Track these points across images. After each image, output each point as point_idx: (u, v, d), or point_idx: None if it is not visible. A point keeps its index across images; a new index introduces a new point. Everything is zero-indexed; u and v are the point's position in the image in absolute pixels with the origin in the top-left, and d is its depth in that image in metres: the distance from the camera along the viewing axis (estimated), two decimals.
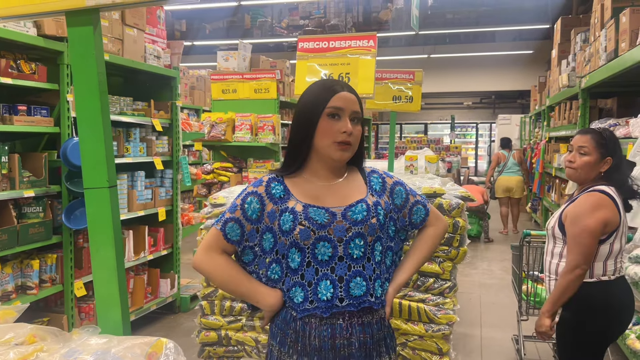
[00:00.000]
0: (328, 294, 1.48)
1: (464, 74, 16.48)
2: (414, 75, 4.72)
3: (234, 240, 1.55)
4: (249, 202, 1.55)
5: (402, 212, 1.65)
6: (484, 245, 8.21)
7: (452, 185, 2.72)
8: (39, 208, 3.54)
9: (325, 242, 1.49)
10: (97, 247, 1.13)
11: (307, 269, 1.50)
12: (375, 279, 1.53)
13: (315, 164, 1.57)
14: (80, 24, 1.05)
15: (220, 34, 17.09)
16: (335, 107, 1.51)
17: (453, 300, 2.53)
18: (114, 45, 4.07)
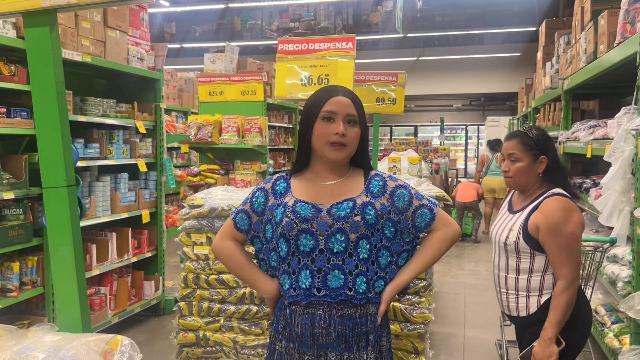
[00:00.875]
0: (307, 282, 1.60)
1: (453, 76, 16.57)
2: (397, 77, 4.76)
3: (242, 230, 1.75)
4: (257, 197, 1.73)
5: (404, 215, 1.69)
6: (472, 246, 8.25)
7: (428, 185, 2.74)
8: (19, 210, 3.53)
9: (308, 235, 1.60)
10: (56, 246, 1.14)
11: (292, 258, 1.63)
12: (357, 275, 1.61)
13: (317, 164, 1.70)
14: (37, 24, 1.06)
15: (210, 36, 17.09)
16: (329, 110, 1.62)
17: (428, 299, 2.55)
18: (95, 47, 4.06)
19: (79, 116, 3.96)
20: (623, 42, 3.41)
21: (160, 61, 5.00)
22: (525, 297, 2.19)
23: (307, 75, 3.16)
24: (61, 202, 1.12)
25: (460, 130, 20.10)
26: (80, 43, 3.91)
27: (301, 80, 3.17)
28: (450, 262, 7.11)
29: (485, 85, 16.68)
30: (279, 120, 7.67)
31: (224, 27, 17.38)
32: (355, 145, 1.66)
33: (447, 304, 5.33)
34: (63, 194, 1.12)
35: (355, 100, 1.67)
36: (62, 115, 1.11)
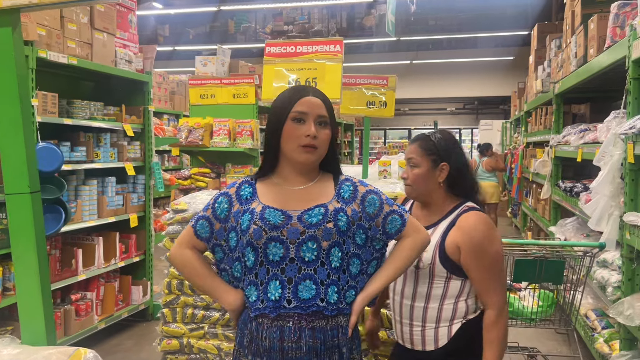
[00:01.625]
0: (276, 294, 1.51)
1: (447, 79, 16.59)
2: (387, 80, 4.72)
3: (203, 237, 1.64)
4: (219, 202, 1.64)
5: (374, 221, 1.64)
6: None
7: None
8: (2, 215, 3.48)
9: (277, 243, 1.52)
10: (19, 254, 1.10)
11: (260, 268, 1.54)
12: (329, 285, 1.54)
13: (285, 168, 1.62)
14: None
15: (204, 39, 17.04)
16: (299, 111, 1.55)
17: None
18: (82, 49, 4.02)
19: (64, 119, 3.92)
20: (612, 45, 3.39)
21: (149, 63, 4.96)
22: (433, 329, 1.88)
23: (295, 78, 3.13)
24: (24, 210, 1.08)
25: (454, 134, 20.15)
26: (66, 45, 3.86)
27: (289, 83, 3.13)
28: None
29: (478, 88, 16.71)
30: None
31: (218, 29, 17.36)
32: (326, 148, 1.60)
33: None
34: (26, 201, 1.07)
35: (326, 101, 1.62)
36: (26, 118, 1.07)
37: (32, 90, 3.54)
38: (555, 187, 5.40)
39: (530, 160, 7.12)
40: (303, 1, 14.46)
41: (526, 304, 3.40)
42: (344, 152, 12.42)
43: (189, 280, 1.67)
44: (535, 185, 7.08)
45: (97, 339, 4.25)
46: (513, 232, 9.62)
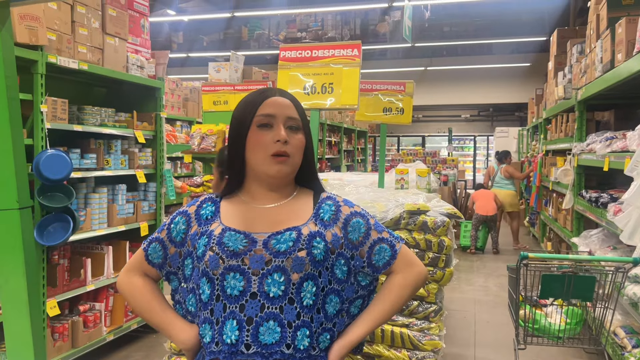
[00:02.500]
0: (233, 336, 1.24)
1: (461, 86, 16.41)
2: (404, 86, 4.59)
3: (154, 263, 1.39)
4: (176, 223, 1.39)
5: (359, 251, 1.36)
6: (481, 260, 8.03)
7: (439, 201, 2.56)
8: None
9: (237, 274, 1.26)
10: (6, 277, 0.98)
11: (217, 303, 1.27)
12: (298, 327, 1.25)
13: (251, 183, 1.37)
14: None
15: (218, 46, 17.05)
16: (265, 114, 1.31)
17: (439, 325, 2.36)
18: (93, 54, 3.93)
19: (74, 125, 3.83)
20: None
21: (161, 69, 4.87)
22: None
23: (311, 83, 3.01)
24: (12, 226, 0.96)
25: (469, 141, 19.90)
26: (77, 50, 3.78)
27: (304, 89, 3.02)
28: (459, 277, 6.90)
29: (494, 95, 16.50)
30: None
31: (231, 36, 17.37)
32: (300, 156, 1.34)
33: (456, 322, 5.12)
34: (14, 217, 0.96)
35: (296, 102, 1.38)
36: (15, 126, 0.96)
37: (42, 96, 3.46)
38: (578, 196, 5.22)
39: (550, 168, 6.93)
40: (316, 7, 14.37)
41: (553, 321, 3.24)
42: (357, 159, 12.29)
43: (137, 314, 1.37)
44: (555, 194, 6.89)
45: (105, 351, 4.15)
46: (531, 241, 9.39)
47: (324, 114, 9.30)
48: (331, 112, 9.73)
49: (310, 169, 1.41)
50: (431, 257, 2.37)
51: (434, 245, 2.36)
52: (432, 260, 2.37)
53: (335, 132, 10.51)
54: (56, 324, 3.75)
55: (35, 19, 3.34)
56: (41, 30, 3.38)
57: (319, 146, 9.26)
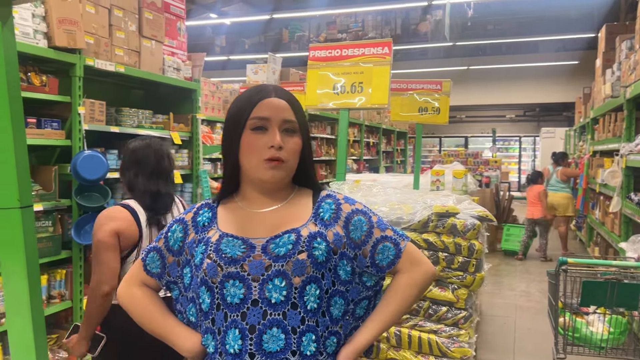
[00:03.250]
0: (236, 346, 1.20)
1: (505, 85, 16.01)
2: (441, 85, 4.49)
3: (153, 273, 1.35)
4: (173, 231, 1.34)
5: (361, 250, 1.31)
6: (524, 265, 7.78)
7: (470, 203, 2.47)
8: (49, 222, 3.48)
9: (236, 281, 1.21)
10: (8, 277, 0.98)
11: (217, 312, 1.23)
12: (304, 332, 1.21)
13: (246, 188, 1.32)
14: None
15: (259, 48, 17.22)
16: (259, 117, 1.25)
17: (469, 332, 2.27)
18: (130, 57, 4.01)
19: (111, 127, 3.91)
20: None
21: (198, 71, 4.92)
22: None
23: (340, 83, 2.96)
24: (13, 226, 0.96)
25: (514, 142, 19.39)
26: (114, 53, 3.85)
27: (334, 88, 2.98)
28: (501, 282, 6.70)
29: (540, 95, 16.01)
30: (320, 131, 7.51)
31: (272, 39, 17.51)
32: (295, 160, 1.29)
33: (495, 328, 4.96)
34: (16, 217, 0.95)
35: (293, 102, 1.30)
36: (17, 125, 0.96)
37: (80, 98, 3.54)
38: (626, 199, 4.97)
39: (597, 170, 6.64)
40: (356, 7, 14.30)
41: (595, 329, 3.08)
42: (397, 160, 12.15)
43: (140, 324, 1.35)
44: (602, 197, 6.60)
45: None
46: (577, 246, 9.04)
47: (362, 114, 9.22)
48: (369, 113, 9.65)
49: (307, 170, 1.35)
50: (461, 261, 2.28)
51: (463, 249, 2.27)
52: (462, 265, 2.28)
53: (374, 133, 10.42)
54: None
55: (73, 23, 3.42)
56: (79, 33, 3.46)
57: (356, 147, 9.20)
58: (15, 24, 3.12)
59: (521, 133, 19.28)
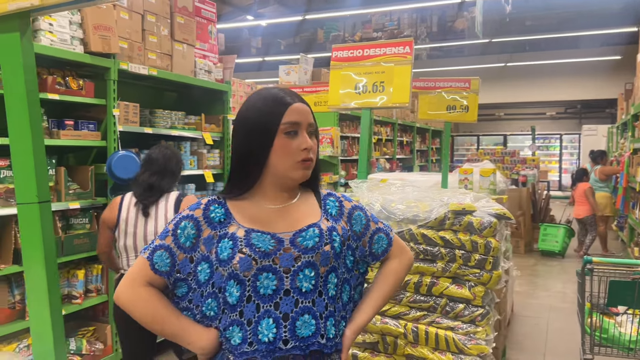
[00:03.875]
0: (270, 334, 1.27)
1: (545, 82, 15.64)
2: (469, 83, 4.45)
3: (162, 272, 1.35)
4: (183, 228, 1.35)
5: (361, 241, 1.47)
6: (561, 264, 7.62)
7: (488, 201, 2.46)
8: (86, 219, 3.65)
9: (269, 273, 1.29)
10: (30, 266, 1.07)
11: (247, 304, 1.29)
12: (327, 317, 1.33)
13: (268, 186, 1.39)
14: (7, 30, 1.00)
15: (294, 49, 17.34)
16: (292, 122, 1.34)
17: (486, 329, 2.28)
18: (162, 60, 4.15)
19: (145, 128, 4.06)
20: None
21: (229, 73, 5.04)
22: None
23: (362, 82, 3.00)
24: (33, 219, 1.05)
25: (555, 140, 18.89)
26: (147, 57, 4.00)
27: (355, 88, 3.02)
28: (536, 283, 6.59)
29: (581, 91, 15.57)
30: (352, 131, 7.55)
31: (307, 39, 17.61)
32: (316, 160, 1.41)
33: (527, 329, 4.89)
34: (34, 211, 1.04)
35: (309, 106, 1.41)
36: (35, 127, 1.04)
37: (114, 100, 3.69)
38: None
39: (637, 168, 6.45)
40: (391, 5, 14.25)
41: (624, 330, 3.02)
42: (432, 159, 12.05)
43: (147, 325, 1.34)
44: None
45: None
46: (619, 246, 8.78)
47: (395, 113, 9.20)
48: (403, 111, 9.61)
49: (317, 171, 1.46)
50: (477, 258, 2.28)
51: (480, 246, 2.27)
52: (479, 263, 2.29)
53: (408, 131, 10.37)
54: None
55: (108, 29, 3.58)
56: (113, 39, 3.62)
57: (389, 146, 9.18)
58: (54, 31, 3.29)
59: (562, 131, 18.77)
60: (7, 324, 3.14)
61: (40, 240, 1.05)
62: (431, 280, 2.38)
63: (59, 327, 1.08)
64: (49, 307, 1.05)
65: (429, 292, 2.37)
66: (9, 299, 3.19)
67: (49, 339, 1.06)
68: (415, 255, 2.41)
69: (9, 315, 3.17)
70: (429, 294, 2.38)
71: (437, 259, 2.37)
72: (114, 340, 3.77)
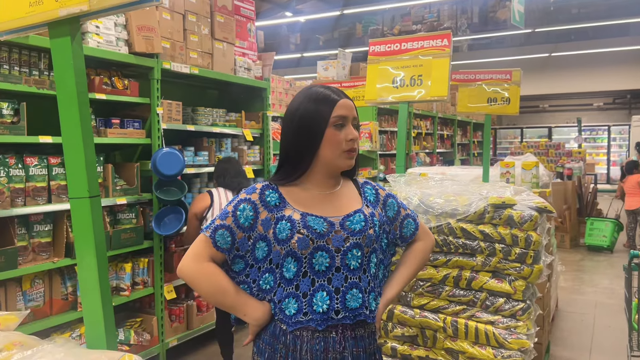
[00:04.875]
0: (324, 305, 1.45)
1: (592, 72, 15.13)
2: (510, 75, 4.38)
3: (223, 249, 1.51)
4: (242, 210, 1.50)
5: (393, 225, 1.66)
6: (609, 260, 7.39)
7: (529, 194, 2.42)
8: (132, 214, 3.78)
9: (323, 252, 1.46)
10: (82, 258, 1.13)
11: (303, 279, 1.47)
12: (370, 292, 1.52)
13: (317, 174, 1.56)
14: (59, 35, 1.06)
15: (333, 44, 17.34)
16: (340, 116, 1.51)
17: (527, 324, 2.24)
18: (203, 59, 4.24)
19: (187, 125, 4.16)
20: None
21: (267, 70, 5.11)
22: None
23: (400, 76, 3.00)
24: (84, 213, 1.11)
25: (602, 132, 18.26)
26: (189, 56, 4.10)
27: (393, 82, 3.02)
28: (582, 278, 6.42)
29: (631, 81, 14.98)
30: (391, 125, 7.51)
31: (345, 34, 17.58)
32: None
33: (572, 325, 4.78)
34: (85, 206, 1.11)
35: (353, 102, 1.59)
36: (85, 126, 1.11)
37: (158, 99, 3.81)
38: None
39: None
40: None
41: None
42: (473, 153, 11.86)
43: (207, 296, 1.53)
44: None
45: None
46: None
47: (435, 107, 9.10)
48: (443, 105, 9.49)
49: (356, 161, 1.61)
50: (518, 252, 2.25)
51: (520, 240, 2.24)
52: (519, 256, 2.26)
53: (448, 125, 10.23)
54: (173, 307, 4.11)
55: (151, 30, 3.69)
56: (156, 39, 3.72)
57: (429, 140, 9.09)
58: (100, 33, 3.41)
59: (610, 122, 18.10)
60: (60, 314, 3.30)
61: (92, 233, 1.11)
62: (471, 274, 2.36)
63: (110, 315, 1.14)
64: (100, 296, 1.12)
65: (468, 286, 2.36)
66: (62, 291, 3.35)
67: (100, 327, 1.12)
68: (455, 249, 2.40)
69: (62, 306, 3.32)
70: (469, 288, 2.36)
71: (477, 253, 2.35)
72: (160, 332, 3.89)
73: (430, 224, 2.41)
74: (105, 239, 1.16)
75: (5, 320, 1.21)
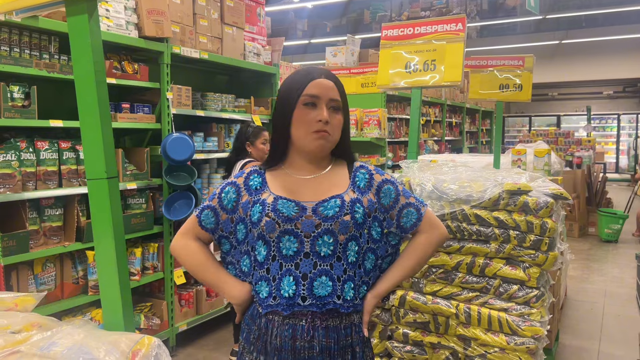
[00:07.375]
0: (290, 290, 1.42)
1: (602, 60, 14.96)
2: (523, 61, 4.32)
3: (207, 228, 1.55)
4: (226, 192, 1.54)
5: (389, 214, 1.56)
6: (618, 249, 7.35)
7: (544, 181, 2.39)
8: (142, 199, 3.78)
9: (291, 237, 1.43)
10: (99, 239, 1.12)
11: (272, 263, 1.45)
12: (345, 281, 1.45)
13: (294, 156, 1.53)
14: (76, 12, 1.04)
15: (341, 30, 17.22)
16: (310, 94, 1.45)
17: (541, 311, 2.23)
18: (213, 44, 4.21)
19: (197, 111, 4.14)
20: None
21: (277, 56, 5.07)
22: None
23: (413, 61, 2.96)
24: (102, 194, 1.10)
25: (612, 120, 18.11)
26: (198, 40, 4.07)
27: (406, 67, 2.98)
28: (591, 267, 6.40)
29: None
30: (399, 112, 7.46)
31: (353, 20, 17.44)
32: (338, 134, 1.50)
33: (581, 313, 4.77)
34: (103, 186, 1.09)
35: (339, 84, 1.51)
36: (102, 106, 1.09)
37: (167, 84, 3.79)
38: None
39: None
40: None
41: None
42: (482, 141, 11.79)
43: (191, 272, 1.57)
44: None
45: (225, 320, 4.47)
46: None
47: (444, 93, 9.03)
48: (452, 92, 9.41)
49: (345, 143, 1.56)
50: (533, 239, 2.23)
51: (535, 227, 2.22)
52: (534, 243, 2.24)
53: (457, 112, 10.16)
54: (182, 292, 4.13)
55: (161, 14, 3.66)
56: (166, 23, 3.69)
57: (438, 127, 9.04)
58: (110, 17, 3.39)
59: (620, 110, 17.95)
60: (72, 297, 3.31)
61: (110, 214, 1.10)
62: (484, 261, 2.34)
63: (127, 297, 1.14)
64: (118, 277, 1.11)
65: (481, 272, 2.34)
66: (72, 275, 3.36)
67: (118, 309, 1.11)
68: (468, 236, 2.38)
69: (73, 290, 3.34)
70: (482, 274, 2.35)
71: (491, 239, 2.33)
72: (170, 317, 3.91)
73: (443, 210, 2.38)
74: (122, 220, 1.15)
75: (23, 302, 1.20)
